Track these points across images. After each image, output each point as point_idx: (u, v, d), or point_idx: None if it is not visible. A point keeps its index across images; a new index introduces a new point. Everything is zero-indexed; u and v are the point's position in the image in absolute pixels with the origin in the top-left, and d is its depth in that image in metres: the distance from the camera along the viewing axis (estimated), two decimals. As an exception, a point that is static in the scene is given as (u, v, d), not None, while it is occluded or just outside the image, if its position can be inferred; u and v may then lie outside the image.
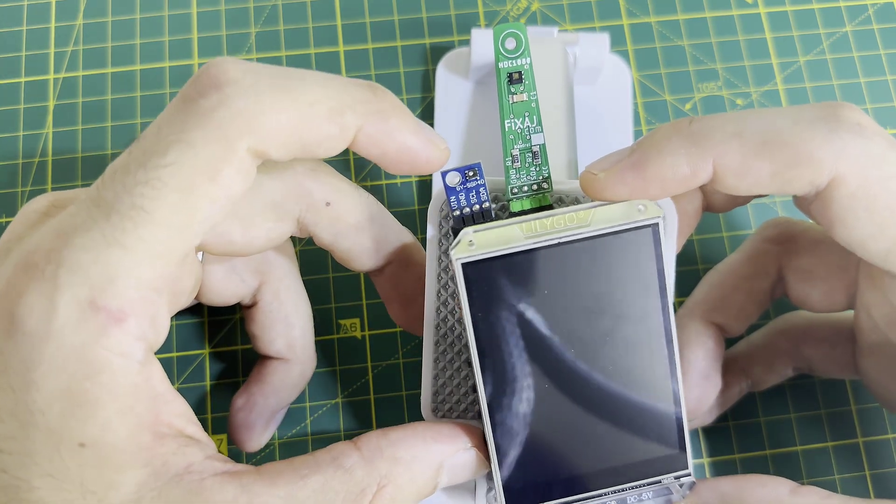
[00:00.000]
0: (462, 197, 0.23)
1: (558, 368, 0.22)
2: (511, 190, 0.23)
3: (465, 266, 0.21)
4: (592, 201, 0.22)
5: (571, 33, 0.33)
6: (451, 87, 0.35)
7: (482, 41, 0.33)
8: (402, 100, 0.35)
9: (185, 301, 0.23)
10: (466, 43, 0.36)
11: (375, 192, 0.34)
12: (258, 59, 0.36)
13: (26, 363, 0.19)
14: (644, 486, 0.23)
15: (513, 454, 0.23)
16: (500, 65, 0.23)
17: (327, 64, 0.36)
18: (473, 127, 0.34)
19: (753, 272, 0.27)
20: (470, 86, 0.35)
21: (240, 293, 0.27)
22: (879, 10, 0.37)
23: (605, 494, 0.23)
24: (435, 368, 0.26)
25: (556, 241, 0.22)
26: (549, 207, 0.23)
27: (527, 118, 0.23)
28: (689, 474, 0.23)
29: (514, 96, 0.23)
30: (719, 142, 0.21)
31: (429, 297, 0.25)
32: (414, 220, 0.34)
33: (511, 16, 0.37)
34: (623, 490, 0.23)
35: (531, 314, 0.22)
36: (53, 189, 0.34)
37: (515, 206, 0.23)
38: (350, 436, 0.26)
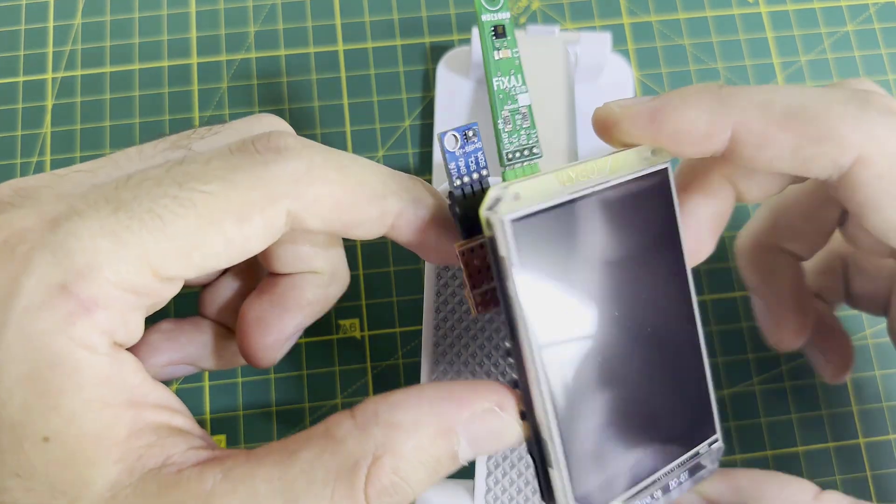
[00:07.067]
0: (461, 163, 0.21)
1: (606, 338, 0.20)
2: (506, 156, 0.22)
3: (514, 224, 0.18)
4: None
5: (573, 32, 0.33)
6: (452, 86, 0.35)
7: (482, 40, 0.33)
8: (401, 99, 0.36)
9: (160, 306, 0.22)
10: (466, 42, 0.36)
11: (375, 191, 0.34)
12: (257, 59, 0.36)
13: None
14: (685, 462, 0.21)
15: (579, 450, 0.19)
16: (484, 18, 0.22)
17: (327, 63, 0.36)
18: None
19: (824, 200, 0.27)
20: (471, 84, 0.35)
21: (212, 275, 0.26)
22: (880, 10, 0.37)
23: (657, 480, 0.21)
24: (434, 370, 0.26)
25: (589, 191, 0.20)
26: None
27: (513, 77, 0.22)
28: (717, 440, 0.22)
29: (500, 52, 0.22)
30: (744, 107, 0.21)
31: (427, 297, 0.25)
32: (414, 220, 0.34)
33: (511, 15, 0.37)
34: (667, 473, 0.21)
35: (575, 275, 0.20)
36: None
37: (510, 176, 0.22)
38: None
